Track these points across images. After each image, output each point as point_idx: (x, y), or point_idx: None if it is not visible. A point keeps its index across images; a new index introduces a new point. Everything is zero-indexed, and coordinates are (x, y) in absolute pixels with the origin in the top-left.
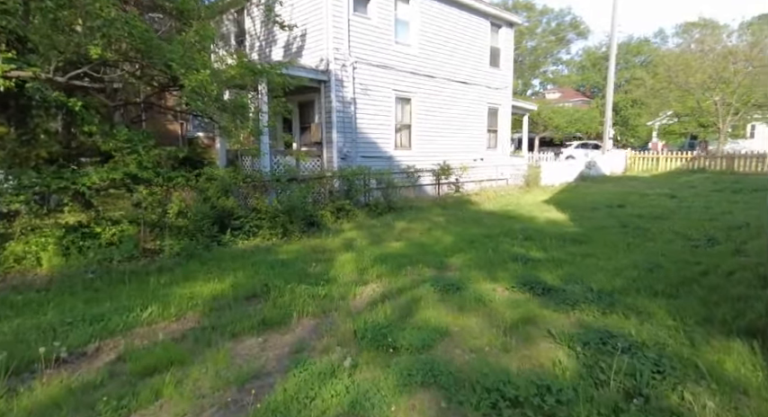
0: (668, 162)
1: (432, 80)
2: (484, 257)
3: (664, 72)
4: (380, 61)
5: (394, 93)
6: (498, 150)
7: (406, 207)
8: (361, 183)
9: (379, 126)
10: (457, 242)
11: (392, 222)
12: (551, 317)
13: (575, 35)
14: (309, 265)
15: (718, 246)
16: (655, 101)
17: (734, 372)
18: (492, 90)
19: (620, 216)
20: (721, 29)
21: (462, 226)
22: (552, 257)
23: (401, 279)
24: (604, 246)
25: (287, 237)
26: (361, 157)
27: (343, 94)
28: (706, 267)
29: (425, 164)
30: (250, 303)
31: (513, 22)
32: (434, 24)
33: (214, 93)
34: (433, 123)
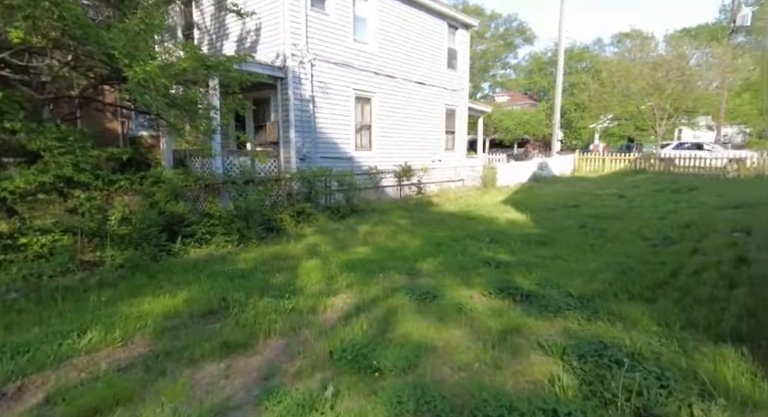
0: (613, 163)
1: (391, 80)
2: (454, 261)
3: (607, 77)
4: (339, 59)
5: (354, 92)
6: (456, 151)
7: (369, 209)
8: (323, 185)
9: (340, 126)
10: (424, 245)
11: (356, 225)
12: (536, 326)
13: (522, 40)
14: (271, 275)
15: (675, 245)
16: (597, 104)
17: (734, 383)
18: (449, 91)
19: (577, 216)
20: (649, 40)
21: (427, 228)
22: (522, 260)
23: (373, 288)
24: (569, 248)
25: (244, 244)
26: (320, 158)
27: (302, 92)
28: (672, 267)
29: (386, 166)
30: (208, 321)
31: (469, 25)
32: (393, 23)
33: (164, 86)
34: (394, 124)
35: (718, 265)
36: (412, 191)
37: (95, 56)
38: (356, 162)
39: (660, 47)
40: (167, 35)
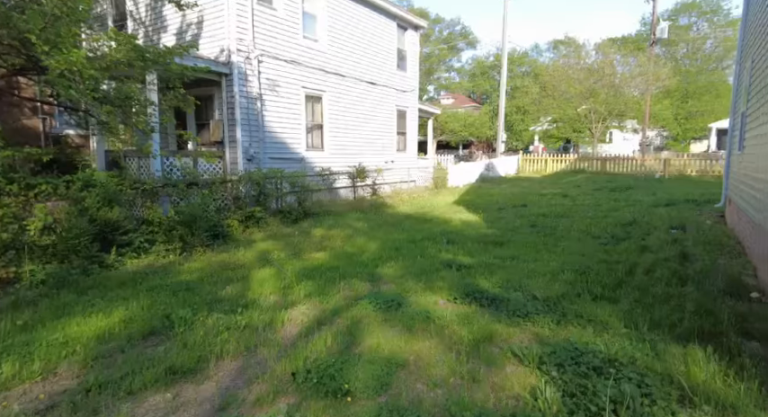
0: (554, 164)
1: (342, 79)
2: (414, 265)
3: (549, 81)
4: (288, 56)
5: (303, 90)
6: (407, 153)
7: (323, 212)
8: (273, 187)
9: (289, 125)
10: (383, 249)
11: (310, 229)
12: (507, 333)
13: (465, 44)
14: (220, 287)
15: (623, 243)
16: (537, 108)
17: (709, 385)
18: (400, 92)
19: (527, 215)
20: (581, 47)
21: (384, 230)
22: (481, 262)
23: (334, 298)
24: (524, 248)
25: (187, 253)
26: (269, 159)
27: (248, 89)
28: (626, 266)
29: (338, 166)
30: (150, 343)
31: (418, 25)
32: (343, 21)
33: (93, 79)
34: (345, 124)
35: (665, 262)
36: (366, 193)
37: (4, 40)
38: (308, 163)
39: (591, 54)
40: (97, 26)
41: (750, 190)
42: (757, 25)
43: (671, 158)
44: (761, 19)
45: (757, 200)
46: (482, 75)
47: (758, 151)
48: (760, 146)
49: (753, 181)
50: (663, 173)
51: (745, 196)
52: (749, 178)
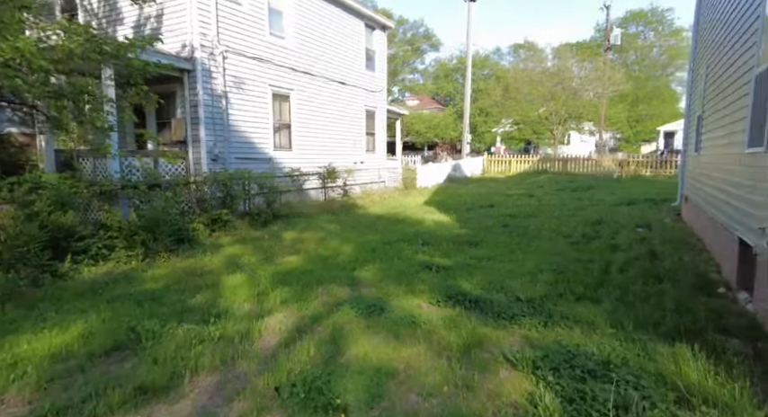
0: (518, 165)
1: (310, 77)
2: (392, 267)
3: (512, 84)
4: (254, 53)
5: (271, 88)
6: (377, 153)
7: (293, 214)
8: (241, 189)
9: (256, 124)
10: (358, 251)
11: (280, 232)
12: (496, 337)
13: (428, 46)
14: (189, 295)
15: (594, 242)
16: (499, 110)
17: (703, 385)
18: (369, 92)
19: (496, 215)
20: (540, 52)
21: (357, 232)
22: (459, 263)
23: (312, 304)
24: (499, 248)
25: (150, 259)
26: (235, 159)
27: (213, 87)
28: (601, 265)
29: (307, 167)
30: (114, 360)
31: (386, 26)
32: (310, 19)
33: (43, 71)
34: (314, 123)
35: (637, 260)
36: (336, 194)
37: None
38: (275, 163)
39: (549, 58)
40: (43, 15)
41: (709, 188)
42: (708, 37)
43: (627, 159)
44: (710, 33)
45: (716, 199)
46: (445, 77)
47: (715, 152)
48: (716, 148)
49: (711, 181)
50: (620, 174)
51: (704, 194)
52: (707, 177)
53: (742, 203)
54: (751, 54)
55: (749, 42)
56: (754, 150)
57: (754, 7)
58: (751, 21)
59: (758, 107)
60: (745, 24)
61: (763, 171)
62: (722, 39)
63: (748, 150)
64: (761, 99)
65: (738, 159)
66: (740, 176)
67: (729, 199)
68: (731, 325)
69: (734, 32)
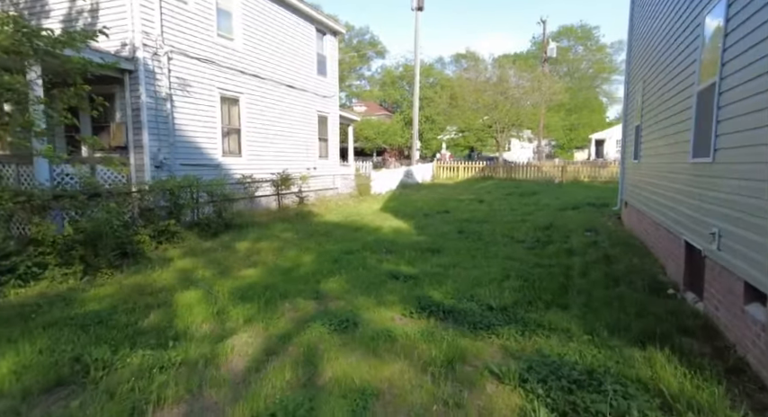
0: (466, 171)
1: (260, 81)
2: (358, 278)
3: (458, 92)
4: (201, 54)
5: (219, 91)
6: (330, 159)
7: (245, 223)
8: (189, 197)
9: (204, 129)
10: (320, 262)
11: (233, 243)
12: (476, 349)
13: (374, 53)
14: (141, 316)
15: (549, 246)
16: (444, 117)
17: (684, 389)
18: (321, 98)
19: (452, 221)
20: (481, 62)
21: (315, 241)
22: (425, 271)
23: (279, 322)
24: (460, 254)
25: (91, 276)
26: (181, 165)
27: (157, 89)
28: (561, 270)
29: (258, 173)
30: (57, 397)
31: (337, 31)
32: (260, 21)
33: None
34: (265, 128)
35: (594, 264)
36: (290, 201)
37: None
38: (224, 169)
39: (489, 69)
40: None
41: (650, 194)
42: (644, 54)
43: (567, 165)
44: (646, 51)
45: (659, 204)
46: (392, 84)
47: (658, 160)
48: (659, 156)
49: (653, 187)
50: (561, 179)
51: (645, 200)
52: (648, 184)
53: (689, 209)
54: (692, 70)
55: (688, 60)
56: (698, 160)
57: (692, 28)
58: (691, 39)
59: (701, 121)
60: (685, 43)
61: (710, 180)
62: (660, 57)
63: (692, 160)
64: (703, 114)
65: (683, 168)
66: (686, 184)
67: (676, 206)
68: (688, 326)
69: (674, 52)
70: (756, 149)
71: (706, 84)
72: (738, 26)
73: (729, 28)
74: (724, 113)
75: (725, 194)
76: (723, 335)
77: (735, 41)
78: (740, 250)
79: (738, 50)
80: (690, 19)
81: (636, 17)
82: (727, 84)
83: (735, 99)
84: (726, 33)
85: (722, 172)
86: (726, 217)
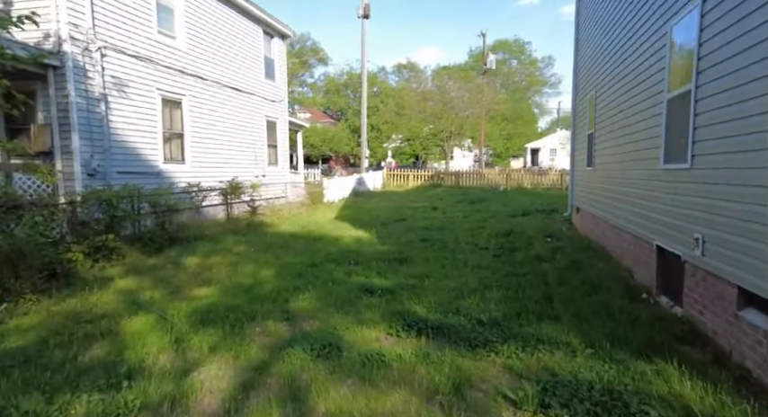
0: (415, 179)
1: (205, 83)
2: (329, 294)
3: (407, 102)
4: (140, 51)
5: (159, 93)
6: (279, 166)
7: (192, 236)
8: (130, 208)
9: (143, 133)
10: (283, 277)
11: (181, 259)
12: (480, 370)
13: (316, 60)
14: (81, 349)
15: (516, 254)
16: (389, 126)
17: (707, 406)
18: (269, 102)
19: (412, 229)
20: (421, 72)
21: (273, 254)
22: (399, 284)
23: (251, 349)
24: (429, 264)
25: (11, 304)
26: (117, 173)
27: (89, 88)
28: (536, 277)
29: (203, 181)
30: None
31: (285, 34)
32: (204, 19)
33: None
34: (210, 134)
35: (567, 271)
36: (240, 211)
37: None
38: (166, 177)
39: (429, 80)
40: None
41: (610, 200)
42: (595, 66)
43: (511, 173)
44: (596, 63)
45: (622, 210)
46: (336, 92)
47: (620, 167)
48: (614, 163)
49: (611, 193)
50: (505, 186)
51: (604, 206)
52: (605, 190)
53: (662, 215)
54: (660, 78)
55: (653, 68)
56: (672, 167)
57: (659, 35)
58: (657, 47)
59: (673, 128)
60: (648, 53)
61: (688, 186)
62: (617, 69)
63: (664, 166)
64: (676, 121)
65: (653, 174)
66: (657, 190)
67: (644, 211)
68: (678, 333)
69: (635, 63)
70: (744, 155)
71: (678, 91)
72: (712, 37)
73: (704, 38)
74: (702, 120)
75: (708, 200)
76: (713, 341)
77: (710, 51)
78: (731, 256)
79: (717, 59)
80: (654, 30)
81: (583, 32)
82: (703, 92)
83: (713, 106)
84: (699, 43)
85: (703, 177)
86: (710, 223)
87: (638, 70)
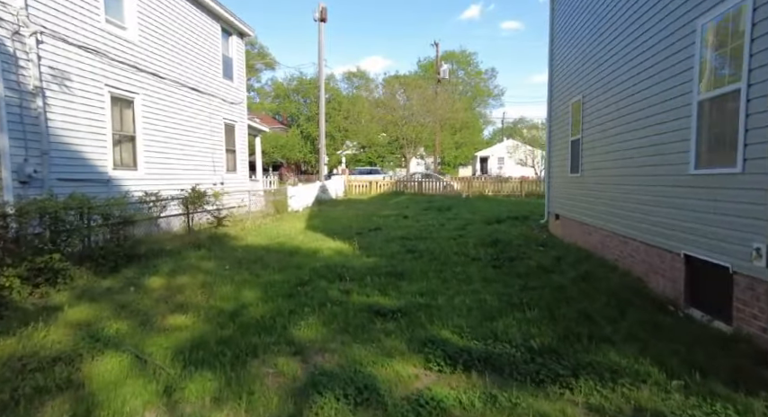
0: (378, 186)
1: (159, 81)
2: (333, 318)
3: (358, 108)
4: (84, 41)
5: (108, 89)
6: (238, 173)
7: (151, 252)
8: (79, 221)
9: (90, 135)
10: (270, 299)
11: (142, 279)
12: (561, 413)
13: (263, 65)
14: (29, 412)
15: (516, 264)
16: (341, 134)
17: None
18: (228, 104)
19: (391, 239)
20: (371, 81)
21: (249, 271)
22: (408, 303)
23: (267, 397)
24: (428, 279)
25: None
26: (58, 180)
27: (21, 80)
28: (553, 291)
29: (156, 189)
30: None
31: (244, 32)
32: (158, 11)
33: None
34: (165, 137)
35: (581, 283)
36: (201, 223)
37: None
38: (116, 185)
39: (379, 88)
40: None
41: (605, 207)
42: (578, 73)
43: (473, 180)
44: (585, 69)
45: (624, 217)
46: (286, 97)
47: (603, 173)
48: (615, 168)
49: (607, 200)
50: (467, 194)
51: (596, 213)
52: (597, 197)
53: (697, 223)
54: (686, 78)
55: (682, 68)
56: (712, 171)
57: (685, 32)
58: (681, 46)
59: (710, 131)
60: (669, 52)
61: (735, 192)
62: (614, 73)
63: (697, 171)
64: (714, 123)
65: (681, 180)
66: (688, 197)
67: (666, 220)
68: (749, 354)
69: (649, 63)
70: None
71: (718, 91)
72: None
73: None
74: (756, 121)
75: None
76: None
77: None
78: None
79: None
80: (676, 28)
81: (561, 39)
82: (758, 92)
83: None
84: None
85: (761, 183)
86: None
87: (652, 72)
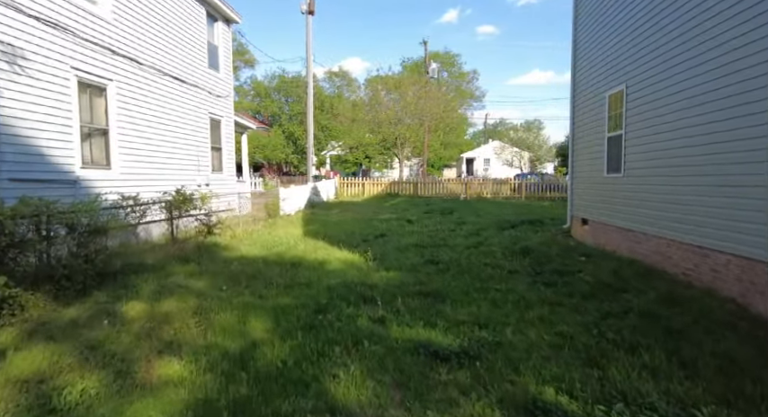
0: (371, 188)
1: (137, 67)
2: (380, 365)
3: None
4: (45, 13)
5: (75, 73)
6: (225, 173)
7: (129, 266)
8: (33, 232)
9: (52, 126)
10: (286, 333)
11: (117, 305)
12: None
13: (242, 63)
14: None
15: (569, 279)
16: (325, 134)
17: None
18: (214, 97)
19: (404, 248)
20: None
21: (250, 291)
22: (471, 340)
23: None
24: (471, 300)
25: None
26: (10, 181)
27: None
28: (649, 322)
29: (133, 191)
30: None
31: (231, 19)
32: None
33: None
34: (143, 131)
35: (675, 307)
36: (188, 229)
37: None
38: (85, 187)
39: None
40: None
41: (670, 213)
42: (616, 57)
43: (471, 181)
44: (632, 47)
45: (694, 223)
46: (267, 96)
47: (668, 172)
48: (668, 169)
49: (676, 205)
50: (466, 196)
51: (653, 219)
52: (660, 200)
53: None
54: None
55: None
56: None
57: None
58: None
59: None
60: None
61: None
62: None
63: None
64: None
65: None
66: None
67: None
68: None
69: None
70: None
71: None
72: None
73: None
74: None
75: None
76: None
77: None
78: None
79: None
80: None
81: (590, 26)
82: None
83: None
84: None
85: None
86: None
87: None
